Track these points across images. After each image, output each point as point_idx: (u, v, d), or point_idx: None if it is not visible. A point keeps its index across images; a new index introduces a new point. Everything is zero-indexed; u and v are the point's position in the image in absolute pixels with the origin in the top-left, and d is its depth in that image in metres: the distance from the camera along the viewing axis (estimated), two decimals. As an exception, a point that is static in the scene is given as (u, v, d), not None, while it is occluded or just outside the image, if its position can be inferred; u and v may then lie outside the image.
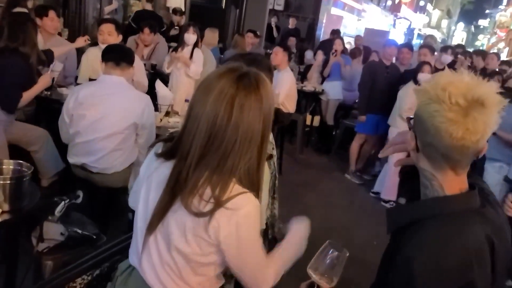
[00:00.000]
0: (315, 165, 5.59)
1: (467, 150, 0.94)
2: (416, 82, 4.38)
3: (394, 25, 22.16)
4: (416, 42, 22.42)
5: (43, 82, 2.98)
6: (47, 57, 3.23)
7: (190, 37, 4.17)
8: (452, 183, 0.99)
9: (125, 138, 2.55)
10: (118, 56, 2.55)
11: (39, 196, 1.74)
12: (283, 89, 4.52)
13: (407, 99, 4.34)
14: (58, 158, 3.11)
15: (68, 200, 2.00)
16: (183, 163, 1.12)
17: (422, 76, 4.38)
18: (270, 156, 1.70)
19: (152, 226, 1.18)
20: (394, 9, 23.62)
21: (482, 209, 1.01)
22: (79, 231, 1.96)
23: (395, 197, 4.56)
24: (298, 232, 1.41)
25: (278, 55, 4.57)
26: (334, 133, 6.31)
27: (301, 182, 4.94)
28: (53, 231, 1.92)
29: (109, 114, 2.48)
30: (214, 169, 1.09)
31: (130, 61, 2.63)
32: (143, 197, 1.24)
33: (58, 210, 1.97)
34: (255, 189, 1.15)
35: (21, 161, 1.74)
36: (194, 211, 1.09)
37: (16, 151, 2.97)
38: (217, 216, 1.09)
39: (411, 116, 1.05)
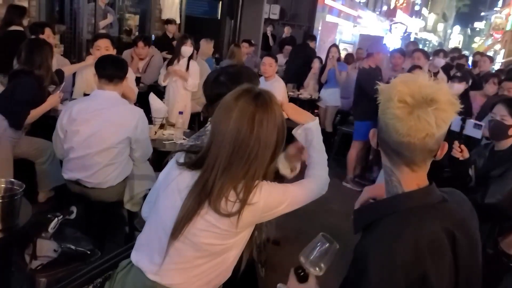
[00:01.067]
0: (313, 172, 5.58)
1: (414, 146, 0.98)
2: None
3: (390, 30, 22.26)
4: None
5: (51, 101, 3.09)
6: (59, 78, 3.31)
7: (187, 49, 4.20)
8: (409, 179, 1.04)
9: (118, 152, 2.55)
10: (111, 73, 2.57)
11: (31, 214, 1.74)
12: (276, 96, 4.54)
13: None
14: (60, 171, 3.12)
15: (61, 216, 2.00)
16: (209, 173, 1.27)
17: None
18: None
19: (177, 231, 1.28)
20: (390, 14, 23.76)
21: (442, 204, 1.04)
22: (73, 247, 1.96)
23: None
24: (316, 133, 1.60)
25: (272, 67, 4.59)
26: (332, 139, 6.31)
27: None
28: (47, 248, 1.92)
29: (102, 129, 2.49)
30: (239, 176, 1.26)
31: (123, 76, 2.64)
32: (163, 205, 1.35)
33: (52, 227, 1.97)
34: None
35: (12, 180, 1.74)
36: (223, 213, 1.25)
37: (16, 164, 3.02)
38: (245, 213, 1.26)
39: None
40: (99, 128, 2.48)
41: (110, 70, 2.57)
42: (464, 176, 2.43)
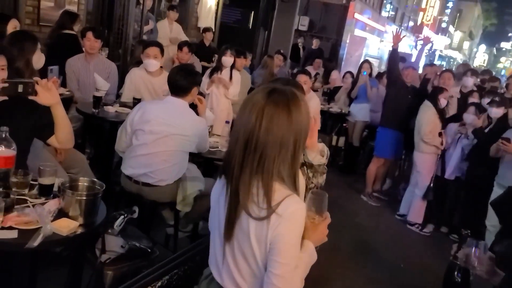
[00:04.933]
0: (340, 185, 5.68)
1: None
2: (436, 104, 4.44)
3: (415, 46, 22.21)
4: (437, 63, 22.37)
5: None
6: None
7: (228, 59, 4.38)
8: None
9: (185, 155, 2.84)
10: (181, 91, 2.80)
11: (105, 211, 1.90)
12: (312, 112, 4.68)
13: (428, 123, 4.42)
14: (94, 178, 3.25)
15: (126, 215, 2.16)
16: (230, 174, 1.29)
17: (442, 102, 4.46)
18: (303, 164, 1.81)
19: (226, 237, 1.33)
20: (416, 30, 23.68)
21: None
22: (137, 244, 2.11)
23: (421, 220, 4.62)
24: (310, 257, 1.40)
25: (307, 84, 4.71)
26: (359, 154, 6.40)
27: (328, 202, 5.03)
28: (114, 243, 2.08)
29: (175, 133, 2.71)
30: (254, 171, 1.25)
31: (193, 87, 2.86)
32: (216, 215, 1.42)
33: (117, 224, 2.13)
34: (294, 188, 1.29)
35: (94, 179, 1.90)
36: (255, 217, 1.25)
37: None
38: (272, 220, 1.24)
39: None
40: (174, 132, 2.71)
41: (184, 91, 2.80)
42: None
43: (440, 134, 4.41)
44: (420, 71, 6.46)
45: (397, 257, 4.01)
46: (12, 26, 3.47)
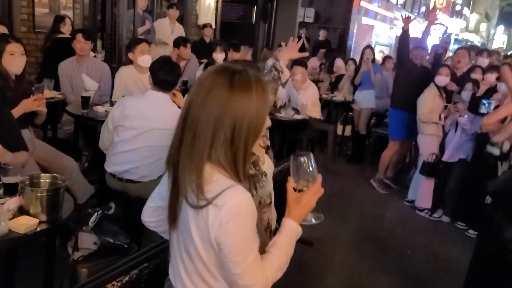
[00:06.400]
0: (347, 174, 5.55)
1: None
2: (435, 84, 4.32)
3: (429, 31, 21.68)
4: (453, 47, 21.82)
5: (23, 105, 2.70)
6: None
7: (218, 56, 4.32)
8: None
9: (166, 149, 2.70)
10: (170, 87, 2.74)
11: (73, 208, 1.85)
12: (310, 100, 4.61)
13: (425, 103, 4.30)
14: (86, 184, 3.21)
15: (100, 211, 2.11)
16: (170, 155, 1.19)
17: (440, 79, 4.31)
18: (268, 148, 1.72)
19: (169, 228, 1.23)
20: (429, 15, 23.11)
21: None
22: (111, 241, 2.06)
23: (430, 205, 4.46)
24: (289, 235, 1.24)
25: (303, 75, 4.64)
26: (366, 142, 6.25)
27: (333, 192, 4.91)
28: (87, 240, 2.03)
29: (156, 127, 2.63)
30: (189, 150, 1.12)
31: (176, 82, 2.81)
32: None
33: (92, 221, 2.09)
34: (239, 179, 1.13)
35: (55, 174, 1.86)
36: (192, 204, 1.11)
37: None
38: (212, 217, 1.08)
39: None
40: (154, 126, 2.62)
41: (169, 84, 2.74)
42: None
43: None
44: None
45: (404, 244, 3.87)
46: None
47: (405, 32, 4.69)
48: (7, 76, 2.74)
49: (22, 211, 1.71)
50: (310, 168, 1.27)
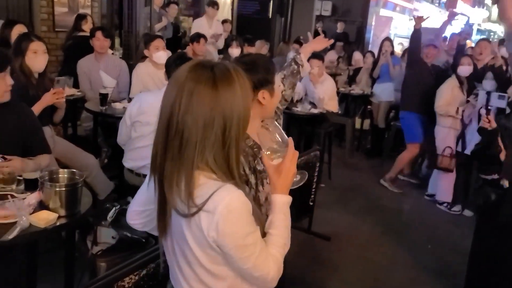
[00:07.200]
0: (365, 168, 5.49)
1: None
2: (458, 76, 4.22)
3: (450, 22, 21.24)
4: (476, 38, 21.30)
5: (45, 98, 2.75)
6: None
7: (234, 51, 4.32)
8: None
9: None
10: None
11: (91, 203, 1.88)
12: (327, 94, 4.58)
13: (443, 94, 4.22)
14: (106, 180, 3.24)
15: (118, 206, 2.14)
16: (154, 163, 1.12)
17: (462, 69, 4.22)
18: None
19: (160, 236, 1.20)
20: (450, 5, 22.58)
21: None
22: (129, 235, 2.09)
23: (451, 198, 4.38)
24: (282, 210, 1.22)
25: (321, 69, 4.60)
26: (385, 136, 6.17)
27: (351, 186, 4.88)
28: (106, 235, 2.07)
29: None
30: (176, 158, 1.06)
31: None
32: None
33: (110, 216, 2.12)
34: (231, 177, 1.09)
35: (73, 170, 1.89)
36: (181, 213, 1.07)
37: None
38: (205, 222, 1.05)
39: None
40: None
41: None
42: (494, 145, 2.46)
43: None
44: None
45: (424, 238, 3.81)
46: (18, 31, 3.56)
47: (416, 31, 4.60)
48: (30, 73, 2.80)
49: (42, 206, 1.75)
50: (281, 138, 1.22)
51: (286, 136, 1.22)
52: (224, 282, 1.16)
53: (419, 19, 4.58)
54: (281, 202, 1.21)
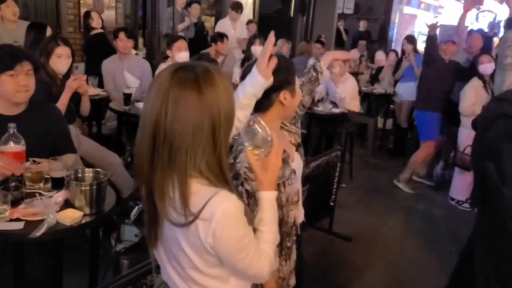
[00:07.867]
0: (388, 169, 5.42)
1: None
2: (480, 76, 4.13)
3: (477, 19, 20.70)
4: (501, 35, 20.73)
5: (69, 85, 2.79)
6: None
7: (257, 49, 4.32)
8: None
9: None
10: None
11: (115, 200, 1.92)
12: (348, 93, 4.54)
13: (468, 95, 4.14)
14: (129, 178, 3.27)
15: (141, 204, 2.17)
16: (141, 174, 1.08)
17: (483, 68, 4.12)
18: (299, 145, 1.70)
19: (150, 245, 1.20)
20: (476, 1, 22.07)
21: None
22: (151, 233, 2.12)
23: (464, 196, 4.29)
24: (270, 205, 1.22)
25: (342, 68, 4.56)
26: (408, 135, 6.08)
27: (373, 186, 4.82)
28: (129, 233, 2.11)
29: None
30: (166, 168, 1.04)
31: None
32: None
33: (133, 214, 2.16)
34: (224, 183, 1.09)
35: (98, 169, 1.93)
36: (176, 223, 1.06)
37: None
38: (202, 229, 1.05)
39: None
40: None
41: None
42: None
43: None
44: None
45: (448, 240, 3.75)
46: (48, 34, 3.67)
47: (430, 37, 4.53)
48: (54, 75, 2.89)
49: (68, 204, 1.80)
50: (264, 133, 1.21)
51: (269, 132, 1.22)
52: (219, 281, 1.17)
53: (432, 26, 4.53)
54: (269, 199, 1.21)
